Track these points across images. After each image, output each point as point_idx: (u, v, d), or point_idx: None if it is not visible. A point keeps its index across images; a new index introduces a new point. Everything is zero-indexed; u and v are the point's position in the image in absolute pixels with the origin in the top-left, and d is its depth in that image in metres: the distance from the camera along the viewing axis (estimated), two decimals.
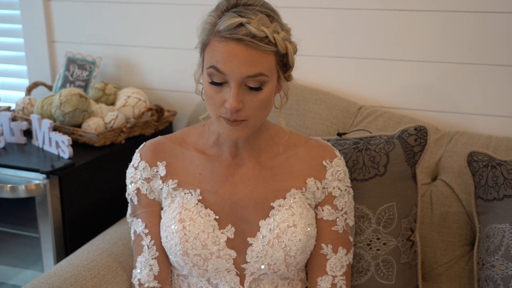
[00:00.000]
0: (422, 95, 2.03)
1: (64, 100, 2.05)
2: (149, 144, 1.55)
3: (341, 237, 1.52)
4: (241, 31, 1.30)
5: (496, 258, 1.58)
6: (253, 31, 1.30)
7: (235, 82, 1.33)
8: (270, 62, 1.34)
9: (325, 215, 1.51)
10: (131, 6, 2.31)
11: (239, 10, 1.33)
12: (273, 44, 1.33)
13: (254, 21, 1.30)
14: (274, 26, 1.33)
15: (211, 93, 1.36)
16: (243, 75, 1.32)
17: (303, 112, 1.99)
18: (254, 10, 1.33)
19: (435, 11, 1.95)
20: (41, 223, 1.89)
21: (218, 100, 1.36)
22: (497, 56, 1.92)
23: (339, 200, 1.51)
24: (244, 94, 1.34)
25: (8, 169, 1.95)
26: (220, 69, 1.32)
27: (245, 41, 1.30)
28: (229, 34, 1.31)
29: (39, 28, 2.43)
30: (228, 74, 1.32)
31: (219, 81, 1.34)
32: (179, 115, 2.32)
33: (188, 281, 1.52)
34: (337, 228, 1.51)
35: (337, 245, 1.51)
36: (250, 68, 1.32)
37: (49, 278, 1.56)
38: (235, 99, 1.33)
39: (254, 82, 1.33)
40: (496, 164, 1.64)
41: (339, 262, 1.50)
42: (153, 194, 1.53)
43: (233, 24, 1.30)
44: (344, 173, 1.53)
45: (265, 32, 1.31)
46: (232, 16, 1.32)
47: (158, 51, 2.32)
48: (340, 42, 2.08)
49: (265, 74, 1.34)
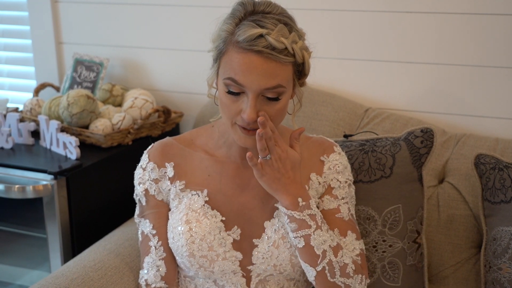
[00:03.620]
0: (429, 97, 2.03)
1: (72, 101, 2.06)
2: (157, 145, 1.55)
3: (348, 223, 1.48)
4: (261, 43, 1.29)
5: (503, 260, 1.58)
6: (273, 43, 1.28)
7: (253, 94, 1.32)
8: (288, 73, 1.34)
9: (326, 205, 1.48)
10: (138, 7, 2.31)
11: (258, 19, 1.31)
12: (292, 55, 1.32)
13: (273, 33, 1.29)
14: (292, 36, 1.31)
15: (228, 102, 1.35)
16: (262, 87, 1.31)
17: (310, 114, 1.99)
18: (273, 19, 1.31)
19: (443, 13, 1.95)
20: (48, 223, 1.90)
21: (234, 109, 1.35)
22: (504, 59, 1.92)
23: (338, 190, 1.49)
24: (261, 104, 1.34)
25: (16, 170, 1.96)
26: (238, 81, 1.31)
27: (264, 53, 1.29)
28: (249, 45, 1.29)
29: (47, 29, 2.44)
30: (247, 86, 1.31)
31: (236, 91, 1.34)
32: (186, 117, 2.32)
33: (195, 282, 1.52)
34: (341, 215, 1.47)
35: (345, 230, 1.46)
36: (269, 80, 1.31)
37: (56, 279, 1.56)
38: (252, 110, 1.32)
39: (272, 93, 1.33)
40: (503, 167, 1.64)
41: (350, 245, 1.46)
42: (161, 195, 1.53)
43: (252, 36, 1.29)
44: (343, 167, 1.52)
45: (284, 43, 1.30)
46: (251, 26, 1.30)
47: (165, 52, 2.33)
48: (347, 44, 2.08)
49: (283, 86, 1.33)
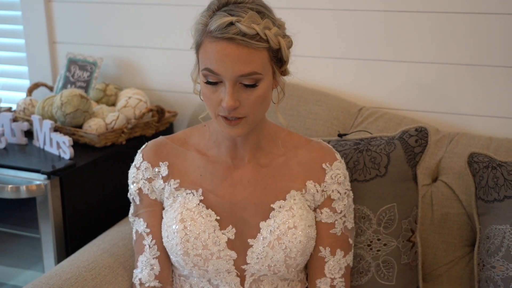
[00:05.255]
0: (423, 96, 2.03)
1: (65, 101, 2.05)
2: (151, 144, 1.55)
3: (339, 239, 1.51)
4: (232, 30, 1.30)
5: (496, 259, 1.58)
6: (243, 29, 1.30)
7: (229, 82, 1.33)
8: (263, 59, 1.34)
9: (324, 218, 1.51)
10: (132, 7, 2.31)
11: (230, 8, 1.33)
12: (265, 41, 1.32)
13: (244, 19, 1.30)
14: (265, 23, 1.32)
15: (208, 93, 1.37)
16: (236, 74, 1.32)
17: (303, 113, 1.99)
18: (244, 7, 1.33)
19: (437, 13, 1.95)
20: (42, 223, 1.89)
21: (215, 99, 1.36)
22: (497, 58, 1.93)
23: (338, 203, 1.51)
24: (240, 92, 1.35)
25: (9, 170, 1.95)
26: (213, 70, 1.33)
27: (236, 40, 1.30)
28: (220, 33, 1.31)
29: (40, 29, 2.43)
30: (222, 74, 1.33)
31: (214, 81, 1.35)
32: (179, 116, 2.32)
33: (189, 281, 1.52)
34: (335, 231, 1.51)
35: (335, 248, 1.51)
36: (243, 67, 1.32)
37: (50, 279, 1.56)
38: (230, 98, 1.33)
39: (248, 80, 1.34)
40: (496, 165, 1.65)
41: (337, 265, 1.50)
42: (154, 194, 1.53)
43: (223, 24, 1.30)
44: (344, 177, 1.52)
45: (255, 29, 1.31)
46: (223, 16, 1.32)
47: (159, 52, 2.32)
48: (341, 43, 2.08)
49: (259, 72, 1.34)
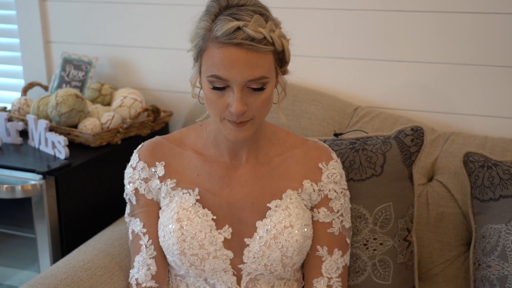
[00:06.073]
0: (418, 95, 2.04)
1: (60, 101, 2.05)
2: (147, 144, 1.54)
3: (337, 239, 1.52)
4: (240, 35, 1.29)
5: (492, 258, 1.59)
6: (251, 34, 1.29)
7: (238, 87, 1.32)
8: (270, 62, 1.34)
9: (321, 217, 1.51)
10: (127, 6, 2.31)
11: (233, 12, 1.32)
12: (271, 44, 1.32)
13: (250, 24, 1.29)
14: (269, 25, 1.32)
15: (214, 98, 1.36)
16: (246, 79, 1.31)
17: (299, 113, 1.99)
18: (248, 10, 1.32)
19: (432, 12, 1.96)
20: (37, 223, 1.89)
21: (221, 104, 1.35)
22: (493, 57, 1.93)
23: (334, 202, 1.51)
24: (247, 96, 1.34)
25: (4, 170, 1.94)
26: (222, 76, 1.32)
27: (244, 45, 1.29)
28: (228, 39, 1.29)
29: (35, 28, 2.42)
30: (231, 80, 1.32)
31: (221, 86, 1.34)
32: (175, 116, 2.32)
33: (185, 281, 1.52)
34: (332, 230, 1.51)
35: (333, 247, 1.51)
36: (252, 71, 1.31)
37: (46, 279, 1.55)
38: (239, 103, 1.32)
39: (256, 84, 1.33)
40: (492, 165, 1.65)
41: (334, 264, 1.51)
42: (151, 194, 1.52)
43: (230, 29, 1.29)
44: (340, 176, 1.53)
45: (262, 33, 1.30)
46: (228, 20, 1.30)
47: (154, 51, 2.32)
48: (336, 42, 2.08)
49: (267, 76, 1.34)
